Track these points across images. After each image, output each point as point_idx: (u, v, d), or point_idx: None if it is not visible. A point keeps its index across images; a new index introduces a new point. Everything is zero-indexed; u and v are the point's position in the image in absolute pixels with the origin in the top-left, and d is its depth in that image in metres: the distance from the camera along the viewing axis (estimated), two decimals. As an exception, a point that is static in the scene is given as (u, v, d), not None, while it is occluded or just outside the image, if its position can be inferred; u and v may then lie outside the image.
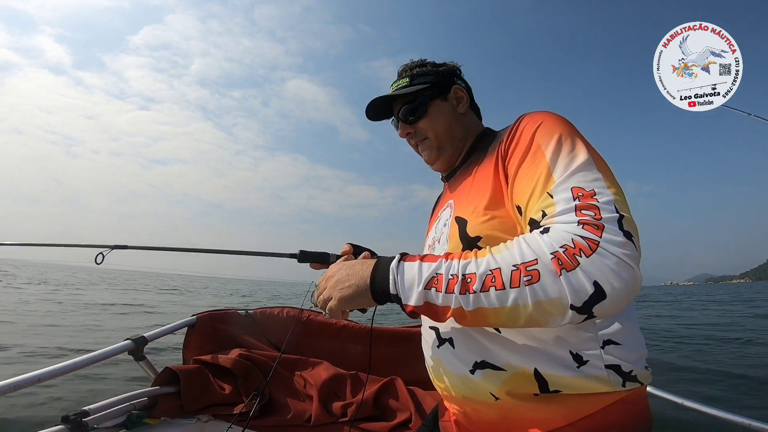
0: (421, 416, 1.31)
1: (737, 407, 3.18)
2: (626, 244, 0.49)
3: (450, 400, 0.70)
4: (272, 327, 1.67)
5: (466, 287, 0.51)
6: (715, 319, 11.16)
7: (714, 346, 6.30)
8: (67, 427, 0.98)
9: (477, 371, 0.61)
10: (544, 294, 0.48)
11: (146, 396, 1.20)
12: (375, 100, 0.82)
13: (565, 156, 0.57)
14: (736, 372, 4.20)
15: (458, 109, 0.83)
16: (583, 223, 0.50)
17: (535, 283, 0.49)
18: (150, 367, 1.31)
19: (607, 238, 0.49)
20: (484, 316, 0.52)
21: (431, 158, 0.83)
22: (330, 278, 0.64)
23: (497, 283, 0.50)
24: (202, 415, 1.27)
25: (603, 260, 0.48)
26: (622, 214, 0.51)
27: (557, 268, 0.48)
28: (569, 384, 0.56)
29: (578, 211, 0.52)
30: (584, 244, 0.48)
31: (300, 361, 1.54)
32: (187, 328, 1.50)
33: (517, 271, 0.50)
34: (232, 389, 1.35)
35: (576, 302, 0.47)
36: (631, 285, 0.48)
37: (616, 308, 0.49)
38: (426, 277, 0.54)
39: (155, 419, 1.17)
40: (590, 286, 0.47)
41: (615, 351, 0.57)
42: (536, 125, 0.63)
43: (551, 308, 0.48)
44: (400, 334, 1.63)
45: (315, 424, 1.28)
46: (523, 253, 0.51)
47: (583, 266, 0.48)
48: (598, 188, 0.53)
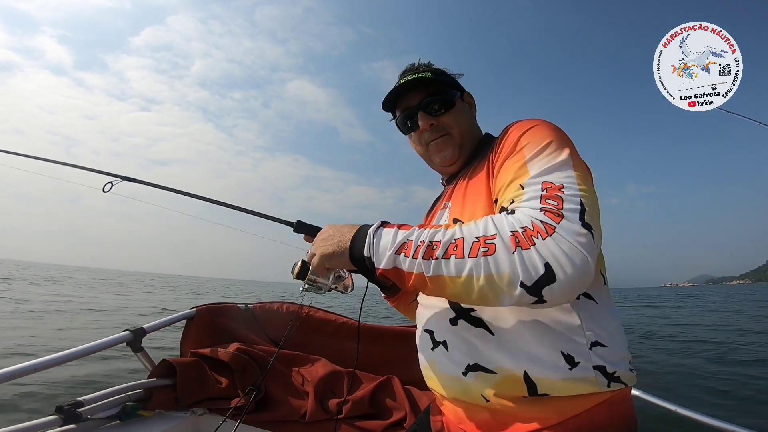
0: (416, 416, 1.29)
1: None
2: (582, 234, 0.51)
3: (442, 400, 0.72)
4: (271, 322, 1.66)
5: (430, 253, 0.54)
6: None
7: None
8: (61, 417, 0.98)
9: (469, 373, 0.62)
10: (496, 267, 0.50)
11: (142, 388, 1.20)
12: (406, 82, 0.77)
13: (544, 156, 0.60)
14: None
15: (471, 111, 0.85)
16: (546, 210, 0.53)
17: (490, 255, 0.51)
18: (147, 358, 1.31)
19: (565, 224, 0.51)
20: (442, 284, 0.54)
21: (452, 157, 0.80)
22: (319, 236, 0.70)
23: (458, 252, 0.53)
24: (197, 409, 1.27)
25: (557, 244, 0.50)
26: (585, 208, 0.53)
27: (513, 244, 0.51)
28: (557, 386, 0.57)
29: (543, 200, 0.55)
30: (542, 227, 0.51)
31: (297, 357, 1.53)
32: (186, 321, 1.50)
33: (478, 242, 0.52)
34: (228, 383, 1.34)
35: (526, 280, 0.49)
36: (581, 272, 0.49)
37: (566, 294, 0.51)
38: (398, 243, 0.57)
39: (150, 411, 1.17)
40: (541, 266, 0.49)
41: (601, 352, 0.58)
42: (524, 129, 0.65)
43: (501, 283, 0.50)
44: (397, 333, 1.62)
45: (310, 420, 1.27)
46: (487, 227, 0.54)
47: (537, 247, 0.50)
48: (568, 183, 0.56)
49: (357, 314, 1.00)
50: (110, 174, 1.12)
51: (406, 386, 1.42)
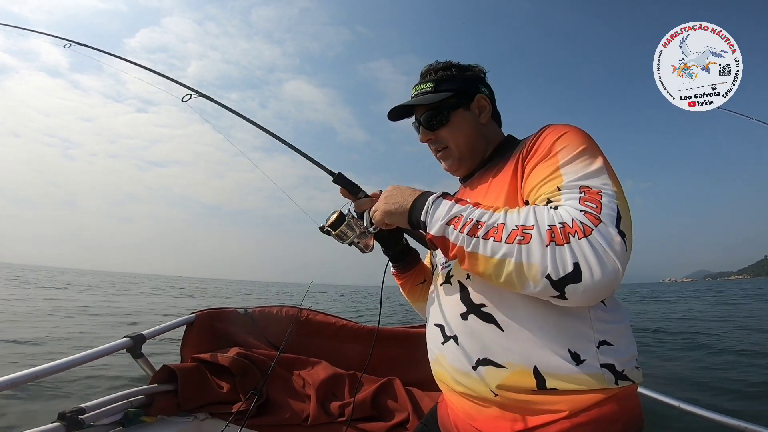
0: (419, 417, 1.30)
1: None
2: (617, 241, 0.52)
3: (451, 395, 0.72)
4: (271, 326, 1.66)
5: (474, 231, 0.58)
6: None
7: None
8: (63, 425, 0.98)
9: (479, 368, 0.64)
10: (527, 256, 0.53)
11: (143, 394, 1.20)
12: (398, 107, 0.83)
13: (579, 162, 0.61)
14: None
15: (480, 119, 0.81)
16: (585, 212, 0.54)
17: (524, 244, 0.54)
18: (148, 364, 1.31)
19: (602, 228, 0.53)
20: (476, 261, 0.58)
21: (453, 167, 0.84)
22: (384, 193, 0.76)
23: (497, 236, 0.56)
24: (199, 414, 1.27)
25: (591, 247, 0.51)
26: (621, 215, 0.55)
27: (548, 238, 0.53)
28: (566, 381, 0.58)
29: (582, 201, 0.56)
30: (580, 227, 0.53)
31: (298, 361, 1.53)
32: (186, 326, 1.50)
33: (516, 230, 0.55)
34: (229, 388, 1.34)
35: (553, 275, 0.51)
36: (609, 278, 0.50)
37: (590, 297, 0.52)
38: (451, 215, 0.62)
39: (152, 417, 1.17)
40: (570, 265, 0.51)
41: (609, 351, 0.59)
42: (559, 135, 0.66)
43: (529, 272, 0.53)
44: (399, 335, 1.63)
45: (312, 424, 1.28)
46: (528, 217, 0.56)
47: (572, 245, 0.52)
48: (605, 189, 0.58)
49: (358, 316, 1.00)
50: (190, 88, 1.22)
51: (408, 387, 1.43)
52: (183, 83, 1.25)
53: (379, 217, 0.74)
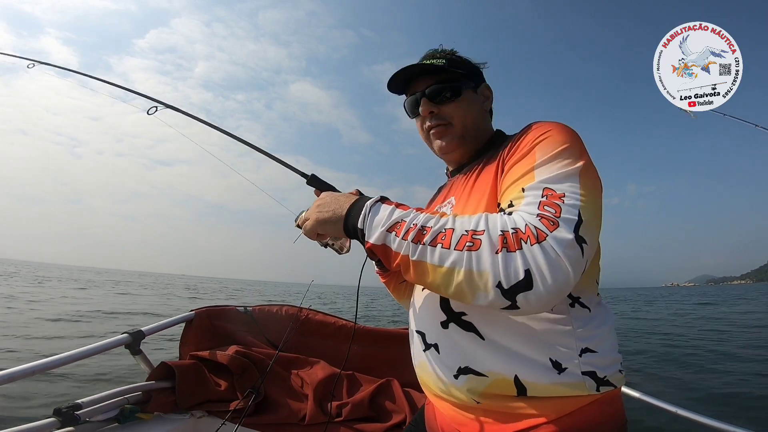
0: (416, 418, 1.29)
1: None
2: (572, 246, 0.50)
3: (436, 399, 0.72)
4: (270, 325, 1.66)
5: (419, 238, 0.54)
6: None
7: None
8: (59, 420, 0.97)
9: (460, 376, 0.62)
10: (477, 264, 0.50)
11: (140, 390, 1.19)
12: (410, 66, 0.77)
13: (554, 164, 0.58)
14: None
15: (484, 105, 0.82)
16: (542, 216, 0.52)
17: (474, 250, 0.50)
18: (146, 361, 1.30)
19: (557, 234, 0.50)
20: (424, 271, 0.54)
21: (450, 146, 0.79)
22: (316, 202, 0.71)
23: (445, 242, 0.53)
24: (196, 411, 1.26)
25: (543, 253, 0.49)
26: (583, 220, 0.52)
27: (500, 244, 0.50)
28: (547, 390, 0.57)
29: (541, 206, 0.53)
30: (533, 233, 0.50)
31: (297, 360, 1.53)
32: (185, 324, 1.50)
33: (466, 236, 0.52)
34: (227, 386, 1.34)
35: (504, 283, 0.48)
36: (560, 286, 0.48)
37: (541, 305, 0.49)
38: (392, 221, 0.58)
39: (148, 414, 1.17)
40: (522, 272, 0.48)
41: (591, 358, 0.58)
42: (540, 133, 0.63)
43: (479, 281, 0.50)
44: (396, 335, 1.62)
45: (309, 423, 1.27)
46: (479, 223, 0.53)
47: (524, 251, 0.49)
48: (570, 193, 0.54)
49: (359, 317, 0.99)
50: (155, 100, 1.23)
51: (406, 388, 1.42)
52: (148, 95, 1.24)
53: (310, 226, 0.68)
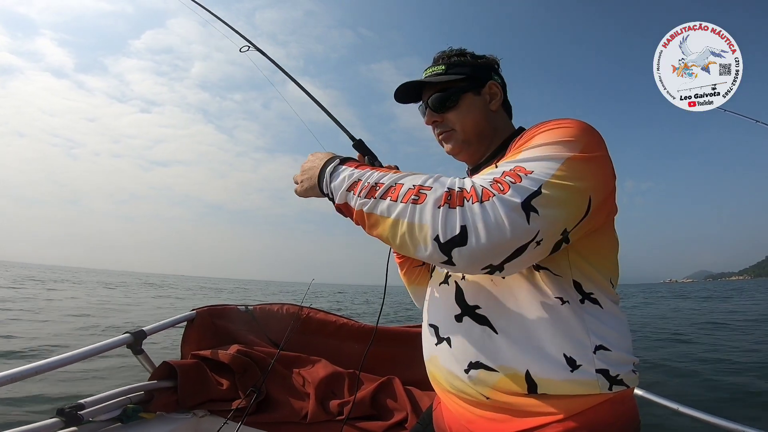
0: (418, 417, 1.29)
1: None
2: (516, 210, 0.48)
3: (445, 395, 0.71)
4: (271, 324, 1.66)
5: (372, 193, 0.57)
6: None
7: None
8: (62, 420, 0.98)
9: (471, 371, 0.62)
10: (419, 217, 0.51)
11: (143, 390, 1.20)
12: (407, 83, 0.80)
13: (545, 147, 0.56)
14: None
15: (490, 105, 0.79)
16: (495, 182, 0.51)
17: (418, 204, 0.52)
18: (148, 361, 1.31)
19: (503, 197, 0.49)
20: (375, 222, 0.56)
21: (455, 149, 0.81)
22: (302, 166, 0.74)
23: (394, 195, 0.55)
24: (198, 410, 1.27)
25: (483, 212, 0.48)
26: (542, 193, 0.49)
27: (444, 200, 0.51)
28: (558, 387, 0.57)
29: (503, 175, 0.52)
30: (478, 193, 0.50)
31: (298, 359, 1.53)
32: (187, 323, 1.50)
33: (413, 190, 0.54)
34: (229, 385, 1.34)
35: (441, 237, 0.49)
36: (493, 244, 0.47)
37: (473, 261, 0.49)
38: (351, 180, 0.62)
39: (151, 413, 1.17)
40: (458, 227, 0.48)
41: (605, 356, 0.58)
42: (548, 126, 0.61)
43: (420, 233, 0.51)
44: (399, 334, 1.62)
45: (311, 422, 1.27)
46: (428, 180, 0.55)
47: (464, 208, 0.49)
48: (540, 171, 0.52)
49: (360, 317, 1.00)
50: (248, 41, 1.26)
51: (408, 387, 1.43)
52: (243, 35, 1.28)
53: (300, 191, 0.74)
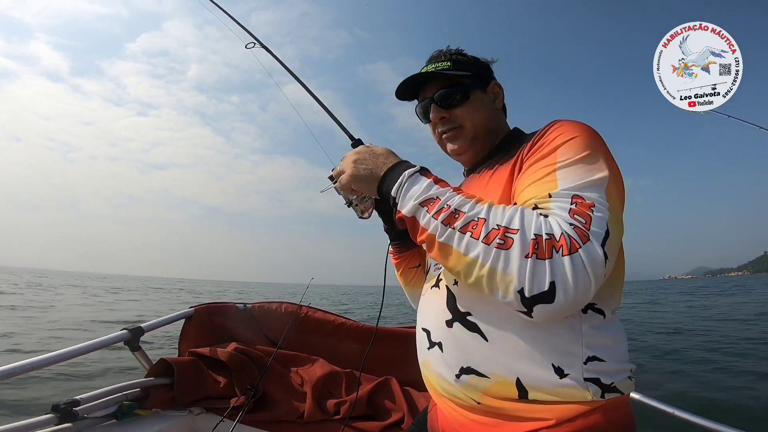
0: (414, 417, 1.28)
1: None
2: (600, 263, 0.49)
3: (439, 398, 0.71)
4: (270, 322, 1.66)
5: (450, 220, 0.54)
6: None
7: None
8: (57, 416, 0.97)
9: (462, 376, 0.62)
10: (504, 264, 0.49)
11: (139, 387, 1.19)
12: (413, 76, 0.77)
13: (578, 169, 0.56)
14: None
15: (495, 104, 0.80)
16: (574, 226, 0.50)
17: (504, 249, 0.49)
18: (145, 357, 1.30)
19: (588, 248, 0.49)
20: (447, 254, 0.54)
21: (462, 147, 0.79)
22: (353, 154, 0.70)
23: (476, 232, 0.52)
24: (194, 408, 1.26)
25: (572, 265, 0.48)
26: (609, 235, 0.51)
27: (532, 250, 0.48)
28: (548, 394, 0.56)
29: (572, 214, 0.52)
30: (567, 243, 0.49)
31: (296, 358, 1.52)
32: (185, 320, 1.49)
33: (497, 231, 0.51)
34: (226, 382, 1.34)
35: (527, 291, 0.48)
36: (578, 300, 0.48)
37: (554, 317, 0.50)
38: (427, 196, 0.57)
39: (147, 410, 1.17)
40: (547, 284, 0.47)
41: (597, 366, 0.57)
42: (563, 133, 0.61)
43: (501, 281, 0.49)
44: (397, 334, 1.62)
45: (307, 421, 1.26)
46: (513, 219, 0.52)
47: (554, 261, 0.48)
48: (599, 204, 0.53)
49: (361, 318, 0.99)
50: (255, 37, 1.26)
51: (405, 387, 1.42)
52: (250, 32, 1.28)
53: (345, 180, 0.68)
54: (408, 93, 0.83)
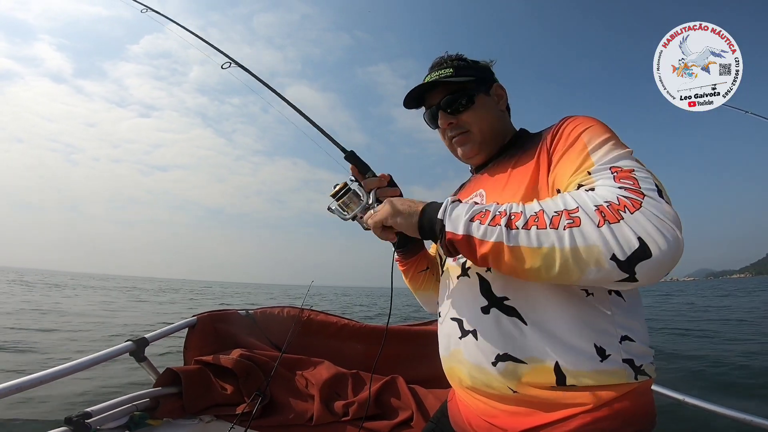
0: (423, 414, 1.31)
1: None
2: (668, 209, 0.50)
3: (463, 391, 0.71)
4: (273, 327, 1.67)
5: (510, 223, 0.53)
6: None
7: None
8: (70, 429, 0.98)
9: (499, 363, 0.61)
10: (583, 240, 0.49)
11: (148, 397, 1.20)
12: (420, 86, 0.80)
13: (607, 149, 0.59)
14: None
15: (499, 106, 0.82)
16: (624, 188, 0.52)
17: (575, 227, 0.49)
18: (151, 368, 1.31)
19: (649, 201, 0.50)
20: (520, 257, 0.52)
21: (472, 151, 0.81)
22: (392, 198, 0.71)
23: (540, 223, 0.51)
24: (204, 416, 1.27)
25: (647, 219, 0.48)
26: (661, 188, 0.53)
27: (600, 218, 0.49)
28: (587, 378, 0.57)
29: (618, 179, 0.54)
30: (628, 202, 0.50)
31: (301, 361, 1.54)
32: (188, 329, 1.50)
33: (559, 216, 0.51)
34: (233, 389, 1.35)
35: (620, 254, 0.47)
36: (674, 248, 0.47)
37: (660, 271, 0.48)
38: (474, 211, 0.57)
39: (157, 420, 1.18)
40: (635, 240, 0.47)
41: (630, 346, 0.59)
42: (581, 123, 0.64)
43: (589, 256, 0.48)
44: (402, 333, 1.64)
45: (317, 424, 1.29)
46: (567, 201, 0.53)
47: (627, 220, 0.48)
48: (638, 168, 0.56)
49: (363, 317, 1.00)
50: (229, 57, 1.26)
51: (411, 385, 1.44)
52: (223, 51, 1.28)
53: (383, 213, 0.68)
54: (414, 101, 0.85)
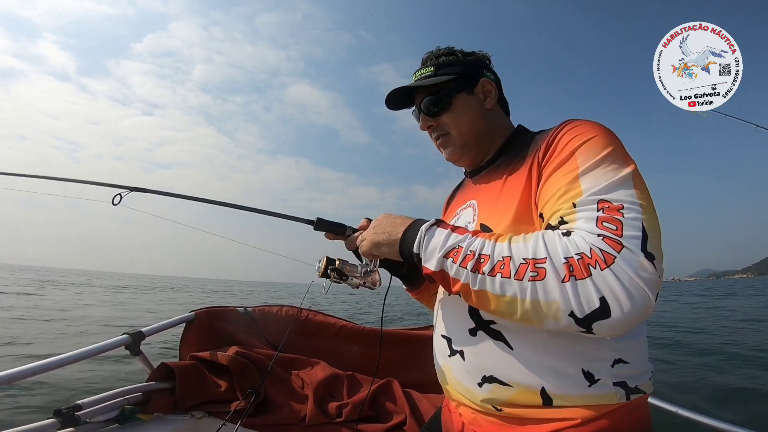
0: (417, 419, 1.28)
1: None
2: (645, 267, 0.47)
3: (456, 404, 0.71)
4: (271, 325, 1.66)
5: (477, 266, 0.53)
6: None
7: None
8: (59, 421, 0.97)
9: (485, 385, 0.61)
10: (544, 294, 0.48)
11: (140, 391, 1.19)
12: (396, 90, 0.77)
13: (601, 170, 0.54)
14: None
15: (485, 104, 0.76)
16: (604, 237, 0.48)
17: (539, 280, 0.48)
18: (146, 362, 1.30)
19: (626, 255, 0.47)
20: (486, 299, 0.53)
21: (454, 155, 0.78)
22: (373, 223, 0.72)
23: (505, 271, 0.51)
24: (196, 412, 1.26)
25: (616, 277, 0.46)
26: (648, 235, 0.49)
27: (566, 272, 0.47)
28: (574, 401, 0.55)
29: (600, 222, 0.50)
30: (600, 257, 0.47)
31: (297, 361, 1.52)
32: (185, 324, 1.49)
33: (525, 265, 0.50)
34: (227, 386, 1.34)
35: (578, 312, 0.47)
36: (639, 310, 0.46)
37: (619, 331, 0.48)
38: (448, 246, 0.57)
39: (148, 414, 1.16)
40: (596, 300, 0.46)
41: (623, 369, 0.57)
42: (581, 141, 0.58)
43: (548, 310, 0.48)
44: (399, 336, 1.62)
45: (309, 424, 1.26)
46: (537, 249, 0.50)
47: (594, 278, 0.46)
48: (628, 204, 0.51)
49: (363, 315, 0.99)
50: (118, 186, 1.03)
51: (406, 389, 1.42)
52: (110, 183, 1.04)
53: (366, 247, 0.70)
54: (403, 102, 0.82)
